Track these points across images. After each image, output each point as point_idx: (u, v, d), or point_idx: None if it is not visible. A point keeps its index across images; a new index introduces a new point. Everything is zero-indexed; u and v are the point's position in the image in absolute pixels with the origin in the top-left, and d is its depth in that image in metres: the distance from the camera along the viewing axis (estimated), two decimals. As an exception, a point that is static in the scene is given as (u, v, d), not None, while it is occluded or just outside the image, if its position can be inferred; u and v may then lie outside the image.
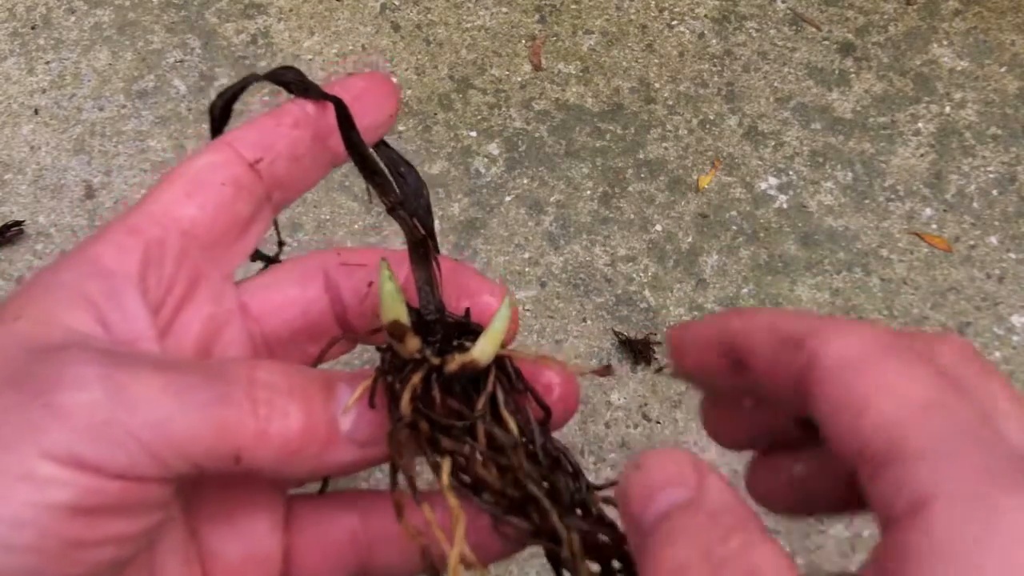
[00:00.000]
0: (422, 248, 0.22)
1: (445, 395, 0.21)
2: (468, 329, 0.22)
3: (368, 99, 0.24)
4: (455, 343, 0.22)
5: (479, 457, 0.20)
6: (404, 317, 0.21)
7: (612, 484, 0.21)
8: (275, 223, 0.26)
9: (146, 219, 0.21)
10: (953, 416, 0.15)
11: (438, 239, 0.23)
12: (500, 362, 0.21)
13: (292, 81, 0.23)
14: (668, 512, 0.17)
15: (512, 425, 0.21)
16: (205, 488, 0.22)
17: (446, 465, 0.20)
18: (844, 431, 0.16)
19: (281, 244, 0.27)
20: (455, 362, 0.21)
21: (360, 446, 0.20)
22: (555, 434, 0.22)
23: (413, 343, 0.21)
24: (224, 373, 0.19)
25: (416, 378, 0.20)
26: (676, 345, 0.21)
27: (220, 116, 0.24)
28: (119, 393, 0.17)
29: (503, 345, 0.22)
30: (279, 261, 0.26)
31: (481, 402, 0.21)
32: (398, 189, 0.24)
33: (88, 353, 0.18)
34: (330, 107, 0.22)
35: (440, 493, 0.20)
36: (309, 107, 0.23)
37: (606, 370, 0.24)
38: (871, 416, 0.16)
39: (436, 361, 0.21)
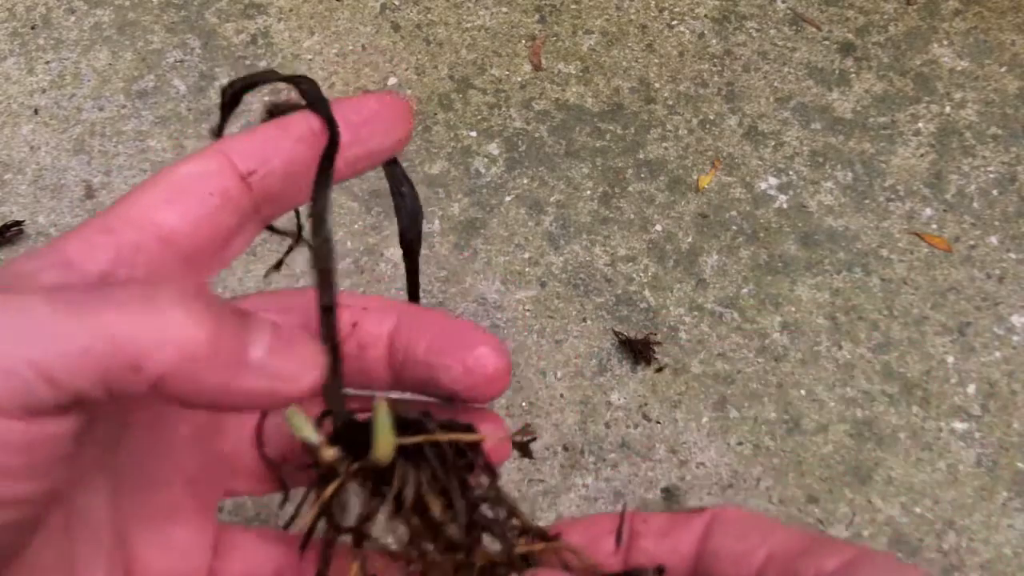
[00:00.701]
0: (334, 354, 0.21)
1: (373, 491, 0.21)
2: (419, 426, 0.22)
3: (379, 122, 0.22)
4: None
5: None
6: (312, 436, 0.21)
7: (550, 538, 0.22)
8: (297, 213, 0.25)
9: (122, 221, 0.20)
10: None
11: (438, 239, 0.23)
12: (435, 445, 0.21)
13: (306, 90, 0.22)
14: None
15: (436, 509, 0.21)
16: (137, 492, 0.22)
17: (354, 569, 0.21)
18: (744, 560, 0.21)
19: (301, 228, 0.26)
20: (366, 464, 0.21)
21: (270, 378, 0.19)
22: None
23: (329, 453, 0.21)
24: (123, 284, 0.18)
25: (328, 491, 0.21)
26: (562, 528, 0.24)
27: (230, 103, 0.23)
28: (4, 318, 0.16)
29: (456, 430, 0.22)
30: (291, 243, 0.26)
31: (386, 506, 0.21)
32: (395, 209, 0.24)
33: None
34: (335, 126, 0.22)
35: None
36: (315, 123, 0.22)
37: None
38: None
39: (347, 469, 0.21)
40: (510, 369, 0.23)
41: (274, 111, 0.22)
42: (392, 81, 0.71)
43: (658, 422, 0.58)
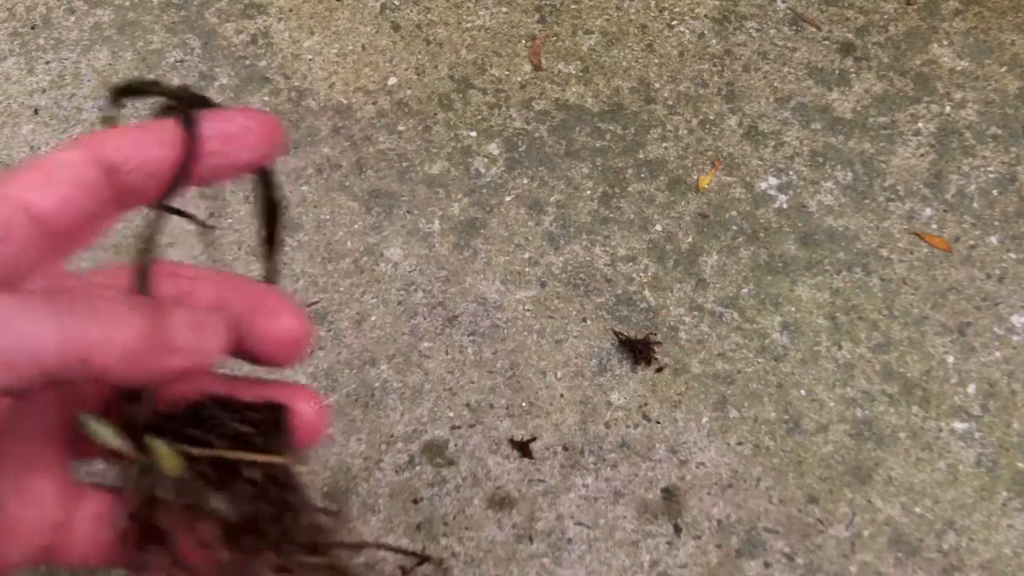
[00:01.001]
0: None
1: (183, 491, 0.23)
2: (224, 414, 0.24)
3: (246, 137, 0.25)
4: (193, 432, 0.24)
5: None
6: (116, 443, 0.23)
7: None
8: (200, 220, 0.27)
9: None
10: None
11: (438, 239, 0.24)
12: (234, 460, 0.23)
13: (181, 108, 0.25)
14: None
15: (221, 515, 0.23)
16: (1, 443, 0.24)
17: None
18: None
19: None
20: (163, 472, 0.23)
21: (190, 354, 0.23)
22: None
23: (139, 458, 0.23)
24: (68, 291, 0.22)
25: (139, 493, 0.23)
26: None
27: (114, 100, 0.26)
28: None
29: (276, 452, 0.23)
30: (207, 225, 0.28)
31: (166, 525, 0.23)
32: (260, 211, 0.26)
33: None
34: (203, 137, 0.24)
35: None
36: (182, 131, 0.25)
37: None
38: None
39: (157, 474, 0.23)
40: (308, 336, 0.26)
41: (167, 110, 0.25)
42: (392, 81, 0.71)
43: (658, 422, 0.58)
